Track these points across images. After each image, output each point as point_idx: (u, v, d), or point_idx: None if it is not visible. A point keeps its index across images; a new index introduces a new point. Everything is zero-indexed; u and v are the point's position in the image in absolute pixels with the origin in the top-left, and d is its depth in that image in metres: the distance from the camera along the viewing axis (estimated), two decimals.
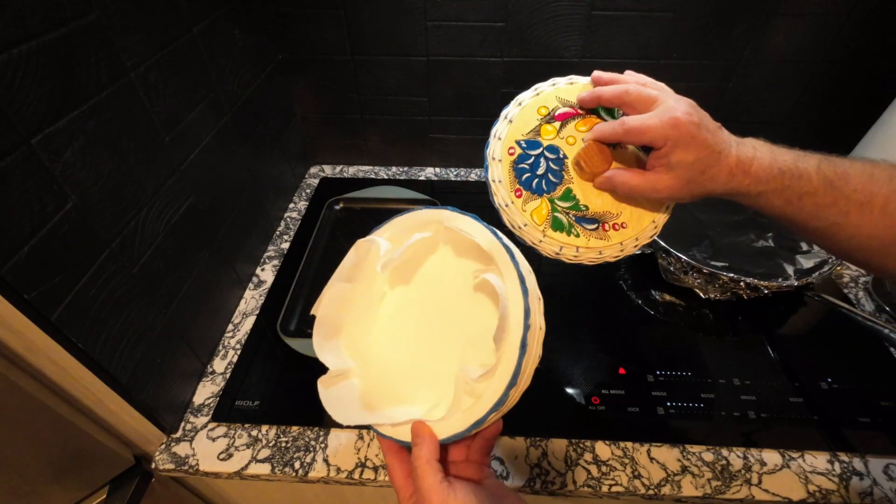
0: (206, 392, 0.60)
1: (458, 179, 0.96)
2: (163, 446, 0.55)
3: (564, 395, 0.59)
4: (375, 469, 0.53)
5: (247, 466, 0.53)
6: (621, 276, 0.75)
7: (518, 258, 0.33)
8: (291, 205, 0.90)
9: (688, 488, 0.51)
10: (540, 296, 0.34)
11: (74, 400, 0.46)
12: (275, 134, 0.82)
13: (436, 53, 0.80)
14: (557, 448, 0.55)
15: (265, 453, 0.54)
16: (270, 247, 0.81)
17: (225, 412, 0.58)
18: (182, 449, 0.55)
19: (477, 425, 0.31)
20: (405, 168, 0.99)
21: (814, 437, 0.55)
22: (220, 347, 0.66)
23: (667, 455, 0.54)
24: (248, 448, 0.55)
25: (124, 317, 0.47)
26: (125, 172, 0.46)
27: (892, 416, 0.56)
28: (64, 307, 0.40)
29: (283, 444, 0.55)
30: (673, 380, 0.60)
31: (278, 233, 0.84)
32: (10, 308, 0.36)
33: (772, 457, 0.53)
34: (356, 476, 0.52)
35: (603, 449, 0.55)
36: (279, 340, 0.64)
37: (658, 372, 0.61)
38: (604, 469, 0.53)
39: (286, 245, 0.81)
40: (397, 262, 0.38)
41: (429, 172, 0.97)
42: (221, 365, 0.63)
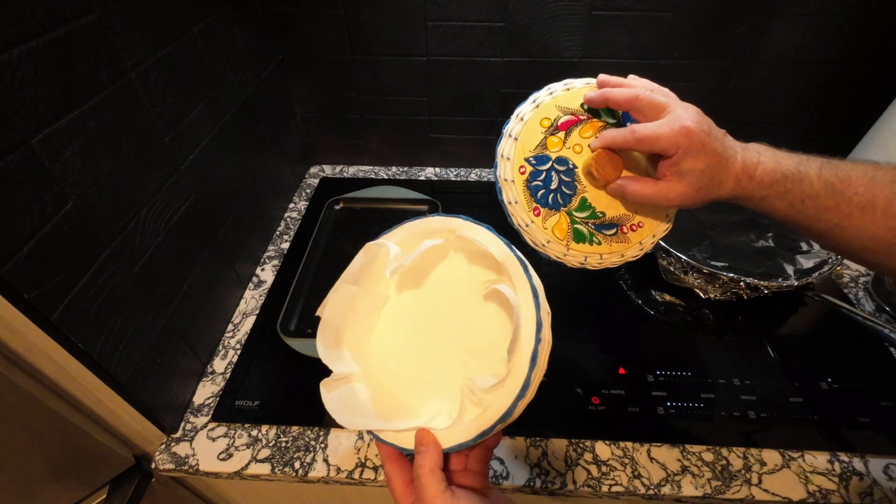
0: (206, 392, 0.60)
1: (458, 179, 0.96)
2: (163, 446, 0.55)
3: (564, 395, 0.59)
4: (375, 469, 0.53)
5: (247, 466, 0.53)
6: (621, 276, 0.75)
7: (531, 272, 0.33)
8: (291, 205, 0.90)
9: (688, 488, 0.51)
10: (549, 310, 0.33)
11: (74, 400, 0.46)
12: (275, 134, 0.82)
13: (436, 53, 0.80)
14: (557, 448, 0.55)
15: (265, 453, 0.54)
16: (270, 247, 0.81)
17: (225, 412, 0.58)
18: (182, 449, 0.55)
19: (483, 436, 0.31)
20: (405, 168, 0.99)
21: (814, 437, 0.55)
22: (220, 347, 0.66)
23: (667, 455, 0.54)
24: (248, 448, 0.55)
25: (124, 317, 0.47)
26: (125, 172, 0.46)
27: (892, 416, 0.56)
28: (64, 307, 0.40)
29: (283, 444, 0.55)
30: (673, 380, 0.60)
31: (278, 233, 0.84)
32: (10, 308, 0.36)
33: (772, 457, 0.53)
34: (356, 476, 0.53)
35: (603, 449, 0.55)
36: (279, 340, 0.64)
37: (658, 372, 0.61)
38: (604, 469, 0.53)
39: (286, 245, 0.81)
40: (406, 268, 0.37)
41: (429, 172, 0.97)
42: (221, 365, 0.64)
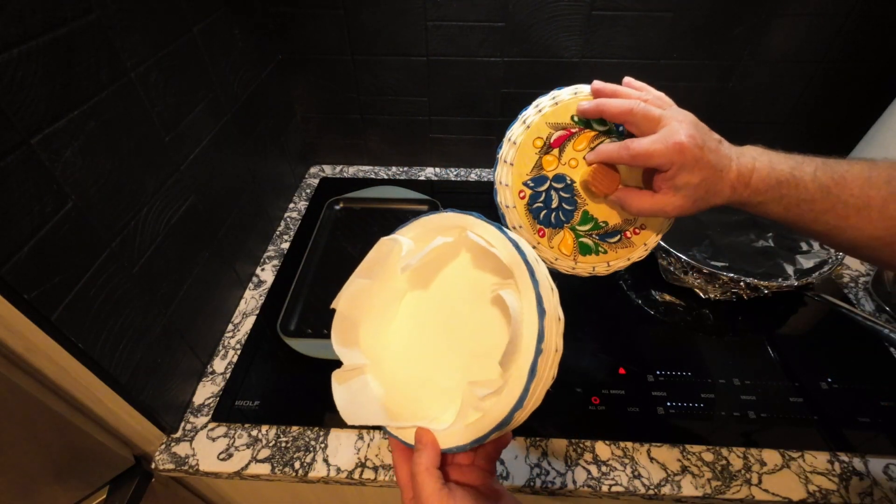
0: (206, 392, 0.60)
1: (458, 179, 0.96)
2: (163, 446, 0.55)
3: (564, 395, 0.59)
4: (375, 469, 0.53)
5: (247, 466, 0.53)
6: (621, 276, 0.75)
7: (539, 276, 0.31)
8: (291, 205, 0.90)
9: (688, 488, 0.51)
10: (561, 315, 0.32)
11: (74, 400, 0.46)
12: (275, 134, 0.82)
13: (436, 53, 0.80)
14: (557, 448, 0.55)
15: (265, 453, 0.54)
16: (270, 247, 0.81)
17: (225, 412, 0.58)
18: (182, 449, 0.55)
19: (477, 442, 0.31)
20: (405, 168, 0.99)
21: (814, 437, 0.55)
22: (220, 347, 0.66)
23: (667, 455, 0.54)
24: (248, 448, 0.55)
25: (124, 317, 0.47)
26: (125, 172, 0.46)
27: (892, 416, 0.56)
28: (64, 307, 0.40)
29: (283, 444, 0.55)
30: (673, 380, 0.60)
31: (278, 233, 0.84)
32: (10, 308, 0.36)
33: (772, 457, 0.53)
34: (356, 476, 0.52)
35: (603, 449, 0.55)
36: (279, 340, 0.64)
37: (658, 372, 0.61)
38: (604, 469, 0.53)
39: (286, 245, 0.81)
40: (417, 265, 0.37)
41: (429, 172, 0.97)
42: (221, 365, 0.63)
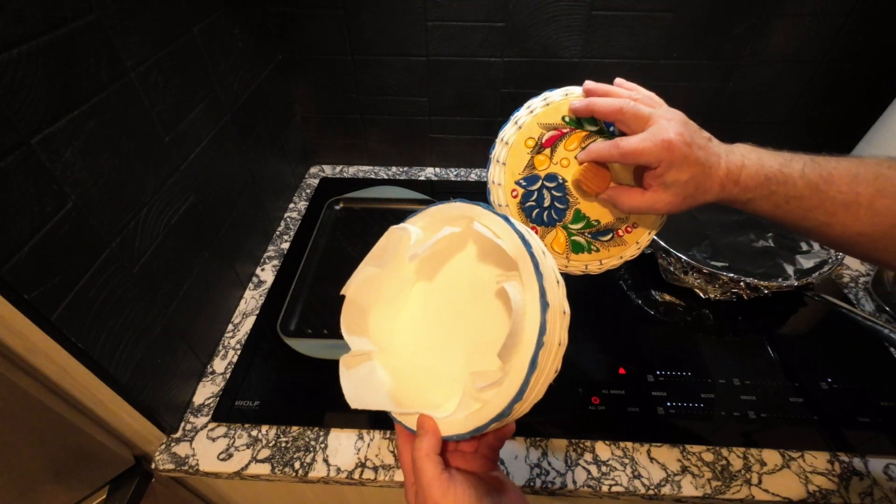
0: (206, 392, 0.60)
1: (458, 179, 0.96)
2: (163, 446, 0.55)
3: (564, 395, 0.59)
4: (375, 469, 0.53)
5: (247, 466, 0.53)
6: (621, 276, 0.75)
7: (543, 269, 0.31)
8: (291, 205, 0.90)
9: (688, 488, 0.51)
10: (566, 309, 0.32)
11: (74, 400, 0.46)
12: (275, 134, 0.82)
13: (436, 53, 0.80)
14: (557, 448, 0.55)
15: (265, 453, 0.54)
16: (270, 247, 0.81)
17: (225, 412, 0.58)
18: (182, 449, 0.55)
19: (477, 432, 0.32)
20: (405, 168, 0.99)
21: (814, 437, 0.55)
22: (220, 347, 0.66)
23: (667, 455, 0.54)
24: (248, 448, 0.55)
25: (124, 317, 0.47)
26: (125, 172, 0.46)
27: (892, 416, 0.56)
28: (64, 307, 0.40)
29: (283, 444, 0.55)
30: (673, 380, 0.60)
31: (278, 233, 0.84)
32: (10, 308, 0.36)
33: (772, 457, 0.53)
34: (356, 476, 0.52)
35: (603, 449, 0.55)
36: (279, 340, 0.64)
37: (658, 372, 0.61)
38: (604, 469, 0.53)
39: (286, 245, 0.81)
40: (425, 255, 0.37)
41: (429, 172, 0.97)
42: (221, 365, 0.63)
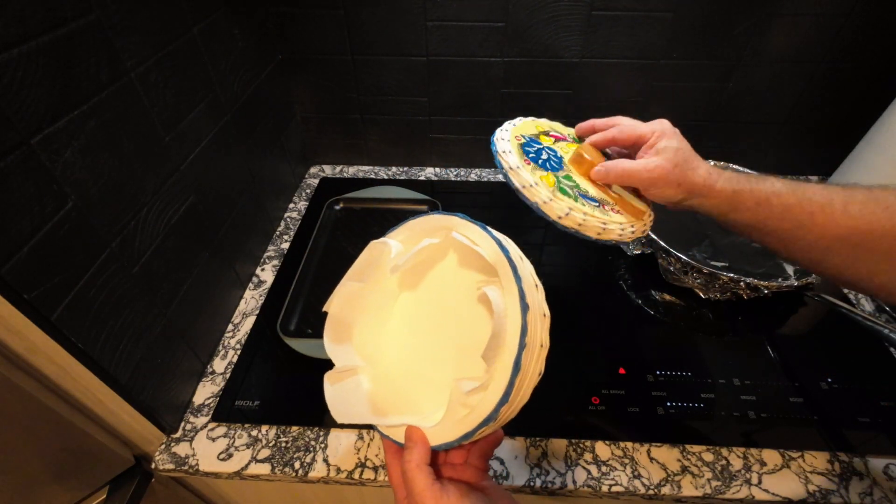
0: (206, 392, 0.60)
1: (458, 179, 0.96)
2: (163, 446, 0.55)
3: (564, 395, 0.59)
4: (375, 469, 0.53)
5: (247, 466, 0.53)
6: (621, 276, 0.75)
7: (521, 273, 0.31)
8: (291, 205, 0.90)
9: (688, 488, 0.51)
10: (546, 312, 0.32)
11: (74, 400, 0.46)
12: (275, 134, 0.82)
13: (436, 53, 0.80)
14: (557, 448, 0.55)
15: (265, 453, 0.54)
16: (270, 247, 0.81)
17: (225, 412, 0.58)
18: (182, 449, 0.55)
19: (466, 437, 0.31)
20: (405, 168, 0.99)
21: (814, 437, 0.55)
22: (220, 347, 0.66)
23: (667, 455, 0.54)
24: (248, 448, 0.55)
25: (124, 317, 0.47)
26: (125, 172, 0.46)
27: (892, 416, 0.56)
28: (64, 307, 0.40)
29: (283, 444, 0.55)
30: (673, 380, 0.60)
31: (278, 233, 0.84)
32: (10, 308, 0.36)
33: (772, 457, 0.53)
34: (356, 476, 0.53)
35: (603, 449, 0.55)
36: (279, 340, 0.64)
37: (658, 372, 0.61)
38: (604, 469, 0.53)
39: (286, 245, 0.81)
40: (406, 267, 0.37)
41: (429, 172, 0.97)
42: (221, 365, 0.63)
